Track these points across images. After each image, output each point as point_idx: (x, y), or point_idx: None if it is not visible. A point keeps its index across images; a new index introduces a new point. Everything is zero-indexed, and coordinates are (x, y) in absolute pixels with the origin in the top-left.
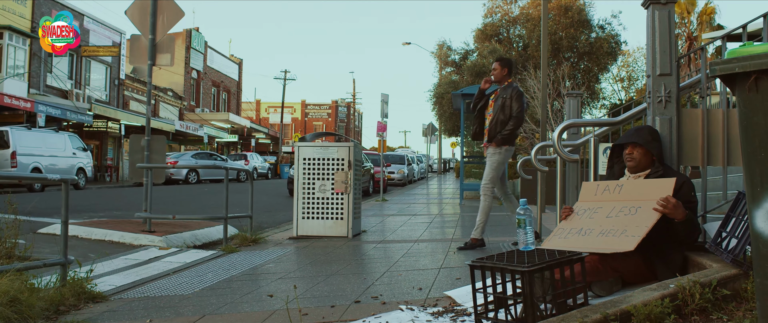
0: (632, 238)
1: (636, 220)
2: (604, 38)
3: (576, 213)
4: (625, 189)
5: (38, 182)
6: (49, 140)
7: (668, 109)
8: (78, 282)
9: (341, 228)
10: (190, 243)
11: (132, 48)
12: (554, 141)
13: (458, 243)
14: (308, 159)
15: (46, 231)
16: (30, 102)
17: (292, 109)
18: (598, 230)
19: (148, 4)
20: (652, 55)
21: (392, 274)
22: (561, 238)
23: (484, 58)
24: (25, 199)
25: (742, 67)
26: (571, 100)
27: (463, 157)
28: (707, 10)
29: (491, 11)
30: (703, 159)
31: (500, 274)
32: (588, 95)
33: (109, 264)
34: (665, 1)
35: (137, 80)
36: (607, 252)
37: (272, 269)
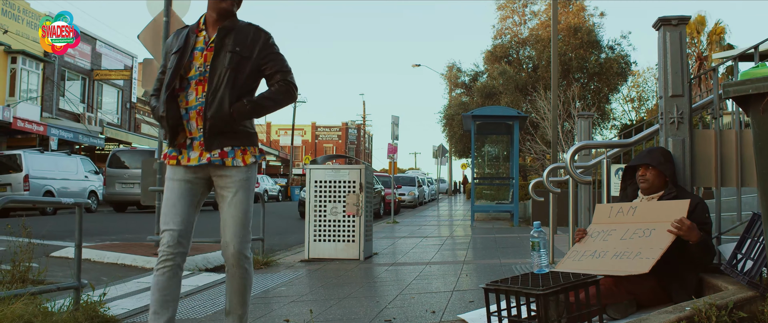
0: (647, 260)
1: (650, 242)
2: (613, 59)
3: (590, 236)
4: (638, 212)
5: (52, 206)
6: (62, 163)
7: (681, 130)
8: (91, 306)
9: (353, 250)
10: (202, 267)
11: (145, 71)
12: (566, 163)
13: (470, 265)
14: (319, 181)
15: (59, 255)
16: (43, 125)
17: (303, 131)
18: (612, 252)
19: (161, 28)
20: (663, 76)
21: (405, 297)
22: (575, 261)
23: (494, 79)
24: (37, 222)
25: (756, 89)
26: (582, 121)
27: (474, 179)
28: (717, 30)
29: (501, 33)
30: (717, 180)
31: (515, 297)
32: (598, 116)
33: (121, 287)
34: (676, 22)
35: (148, 103)
36: (621, 275)
37: (284, 292)
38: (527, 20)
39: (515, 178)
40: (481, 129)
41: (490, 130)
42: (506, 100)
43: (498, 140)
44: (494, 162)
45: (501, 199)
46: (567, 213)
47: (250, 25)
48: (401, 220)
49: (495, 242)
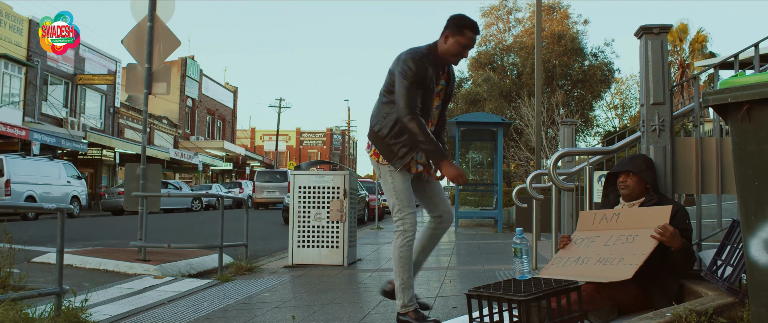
0: (629, 266)
1: (633, 248)
2: (597, 66)
3: (573, 242)
4: (622, 218)
5: (33, 211)
6: (44, 168)
7: (662, 138)
8: (73, 312)
9: (337, 256)
10: (185, 272)
11: (128, 76)
12: (549, 169)
13: (454, 271)
14: (303, 187)
15: (41, 260)
16: (25, 130)
17: (287, 136)
18: (595, 258)
19: (145, 33)
20: (645, 84)
21: (388, 303)
22: (559, 267)
23: (479, 85)
24: (18, 228)
25: (734, 98)
26: (565, 128)
27: (458, 185)
28: (699, 38)
29: (485, 39)
30: (698, 187)
31: (497, 303)
32: (582, 123)
33: (103, 293)
34: (658, 31)
35: (132, 108)
36: (604, 281)
37: (268, 298)
38: (512, 27)
39: (499, 185)
40: (466, 135)
41: (474, 136)
42: (490, 107)
43: (482, 146)
44: (478, 169)
45: (485, 205)
46: (550, 219)
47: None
48: (385, 226)
49: (479, 248)
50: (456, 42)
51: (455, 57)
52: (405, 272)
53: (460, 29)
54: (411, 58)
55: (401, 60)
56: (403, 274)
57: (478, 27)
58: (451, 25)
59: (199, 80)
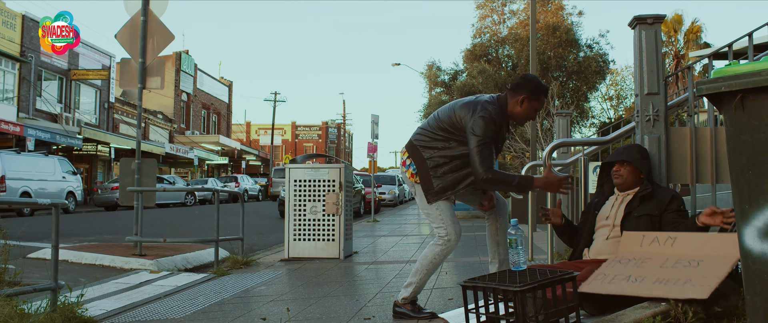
0: (702, 287)
1: (702, 272)
2: (592, 57)
3: (618, 261)
4: (679, 243)
5: (28, 207)
6: (39, 164)
7: (657, 128)
8: (69, 307)
9: (333, 249)
10: (181, 267)
11: (122, 71)
12: (545, 160)
13: (450, 263)
14: (299, 180)
15: (36, 256)
16: (19, 126)
17: (283, 130)
18: (652, 278)
19: (139, 28)
20: (639, 74)
21: (384, 295)
22: (604, 283)
23: (474, 78)
24: (14, 224)
25: (728, 87)
26: (560, 119)
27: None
28: (694, 29)
29: (480, 31)
30: (692, 176)
31: (492, 294)
32: (577, 114)
33: (99, 288)
34: (652, 21)
35: (127, 103)
36: (679, 298)
37: (264, 291)
38: (506, 19)
39: None
40: None
41: None
42: None
43: None
44: None
45: None
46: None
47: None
48: (381, 219)
49: (475, 240)
50: (532, 107)
51: (526, 120)
52: (427, 275)
53: (538, 95)
54: (490, 120)
55: (477, 116)
56: (424, 277)
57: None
58: (530, 90)
59: (193, 75)
